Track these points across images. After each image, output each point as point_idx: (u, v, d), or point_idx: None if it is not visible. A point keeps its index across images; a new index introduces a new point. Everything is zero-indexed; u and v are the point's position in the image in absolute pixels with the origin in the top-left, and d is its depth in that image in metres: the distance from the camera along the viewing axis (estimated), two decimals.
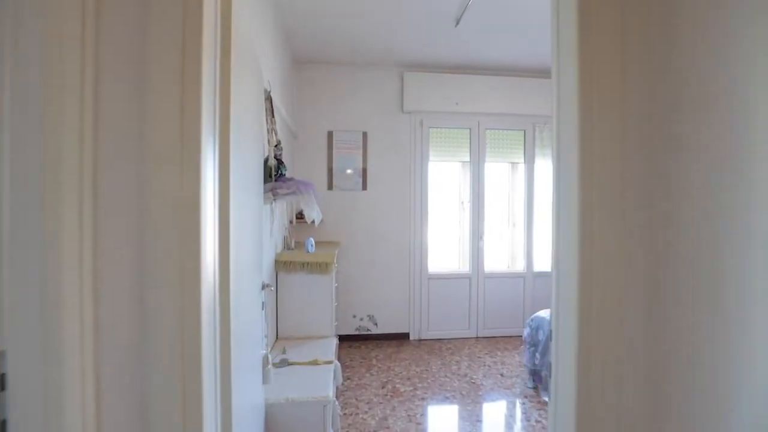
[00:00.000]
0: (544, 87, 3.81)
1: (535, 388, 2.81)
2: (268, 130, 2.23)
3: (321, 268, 2.69)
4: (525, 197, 3.99)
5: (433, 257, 3.93)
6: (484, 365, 3.22)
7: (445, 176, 4.04)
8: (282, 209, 3.04)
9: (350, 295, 3.74)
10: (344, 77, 3.72)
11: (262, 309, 1.71)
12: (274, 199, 2.03)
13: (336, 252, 2.91)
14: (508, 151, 3.99)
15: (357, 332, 3.77)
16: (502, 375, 3.04)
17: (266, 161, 2.11)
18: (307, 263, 2.69)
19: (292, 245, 3.01)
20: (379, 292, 3.79)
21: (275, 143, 2.26)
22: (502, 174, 4.11)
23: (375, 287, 3.78)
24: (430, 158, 3.85)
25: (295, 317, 2.72)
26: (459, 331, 3.88)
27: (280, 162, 2.20)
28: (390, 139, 3.78)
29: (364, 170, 3.74)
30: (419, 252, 3.81)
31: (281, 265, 2.68)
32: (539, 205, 3.97)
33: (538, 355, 2.73)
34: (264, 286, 1.62)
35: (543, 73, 3.83)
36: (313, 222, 3.33)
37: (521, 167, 4.05)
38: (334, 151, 3.70)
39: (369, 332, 3.78)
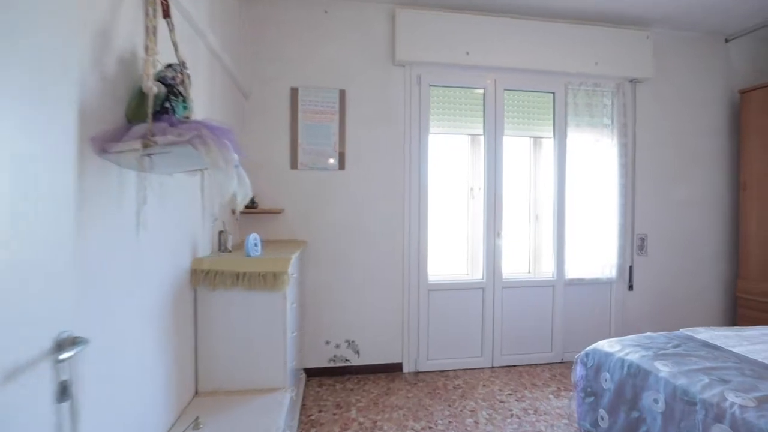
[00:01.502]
0: (581, 35, 2.88)
1: None
2: (147, 30, 1.21)
3: (267, 281, 1.68)
4: (555, 182, 3.04)
5: (435, 261, 2.95)
6: (511, 415, 2.25)
7: (450, 153, 3.06)
8: (213, 190, 2.03)
9: (322, 314, 2.73)
10: (314, 14, 2.71)
11: (62, 400, 0.71)
12: (148, 153, 1.03)
13: (294, 256, 1.90)
14: (532, 121, 3.04)
15: (331, 364, 2.76)
16: None
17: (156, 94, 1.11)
18: (244, 274, 1.68)
19: (229, 246, 1.99)
20: (362, 310, 2.79)
21: (176, 61, 1.25)
22: (522, 152, 3.16)
23: (356, 302, 2.78)
24: (431, 129, 2.87)
25: (225, 359, 1.70)
26: (469, 359, 2.91)
27: (173, 93, 1.19)
28: (377, 100, 2.79)
29: (342, 143, 2.73)
30: (416, 254, 2.83)
31: (200, 276, 1.66)
32: (572, 192, 3.02)
33: (603, 413, 1.77)
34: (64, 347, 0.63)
35: (579, 16, 2.89)
36: (252, 206, 2.35)
37: (547, 143, 3.10)
38: (301, 116, 2.69)
39: (348, 364, 2.78)
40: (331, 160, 2.72)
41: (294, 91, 2.68)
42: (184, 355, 1.59)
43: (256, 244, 1.83)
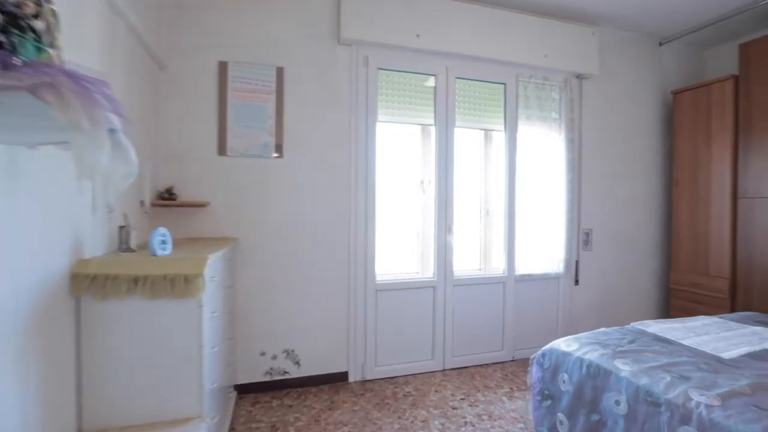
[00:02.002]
0: (532, 26, 2.83)
1: None
2: None
3: (176, 286, 1.34)
4: (506, 176, 2.96)
5: (384, 259, 2.74)
6: (465, 423, 2.10)
7: (400, 144, 2.87)
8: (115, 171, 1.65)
9: (256, 321, 2.40)
10: None
11: None
12: None
13: (214, 255, 1.58)
14: (484, 112, 2.94)
15: (268, 378, 2.44)
16: None
17: None
18: (146, 278, 1.33)
19: (132, 245, 1.61)
20: (303, 315, 2.50)
21: None
22: (473, 145, 3.05)
23: (296, 307, 2.48)
24: (380, 116, 2.65)
25: (120, 387, 1.34)
26: (420, 363, 2.74)
27: (17, 25, 0.84)
28: (320, 82, 2.51)
29: (279, 127, 2.42)
30: (363, 252, 2.60)
31: (84, 282, 1.29)
32: (522, 187, 2.97)
33: (562, 417, 1.66)
34: None
35: (529, 8, 2.83)
36: (169, 198, 2.03)
37: (497, 137, 3.02)
38: (231, 94, 2.34)
39: (287, 376, 2.47)
40: (267, 147, 2.39)
41: (222, 66, 2.32)
42: (58, 385, 1.22)
43: (164, 241, 1.48)
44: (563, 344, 1.78)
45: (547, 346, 1.84)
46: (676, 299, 3.20)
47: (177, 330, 1.38)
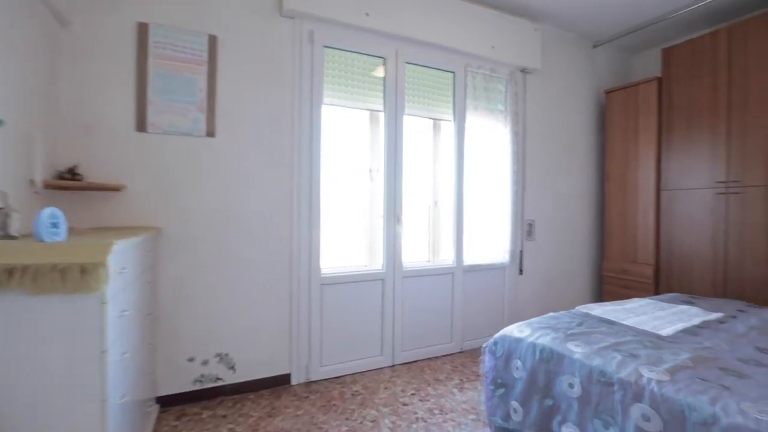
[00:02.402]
0: (480, 16, 2.82)
1: None
2: None
3: (69, 278, 1.08)
4: (455, 166, 2.93)
5: (329, 251, 2.57)
6: (417, 419, 2.00)
7: (347, 130, 2.71)
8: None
9: (183, 322, 2.11)
10: None
11: None
12: None
13: (123, 243, 1.31)
14: (433, 101, 2.88)
15: (198, 386, 2.16)
16: None
17: None
18: (26, 269, 1.05)
19: (14, 231, 1.28)
20: (239, 313, 2.25)
21: None
22: (422, 134, 2.99)
23: (231, 305, 2.23)
24: (326, 99, 2.48)
25: None
26: (368, 359, 2.60)
27: None
28: (260, 55, 2.28)
29: (212, 103, 2.15)
30: (307, 243, 2.41)
31: None
32: (470, 178, 2.96)
33: (516, 404, 1.62)
34: None
35: None
36: (72, 178, 1.76)
37: (446, 127, 2.99)
38: (152, 61, 2.03)
39: (220, 383, 2.21)
40: (197, 124, 2.11)
41: (142, 28, 2.01)
42: None
43: (55, 224, 1.19)
44: (515, 330, 1.74)
45: (499, 334, 1.80)
46: (608, 285, 3.40)
47: (71, 332, 1.11)
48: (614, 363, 1.34)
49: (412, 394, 2.26)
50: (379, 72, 2.64)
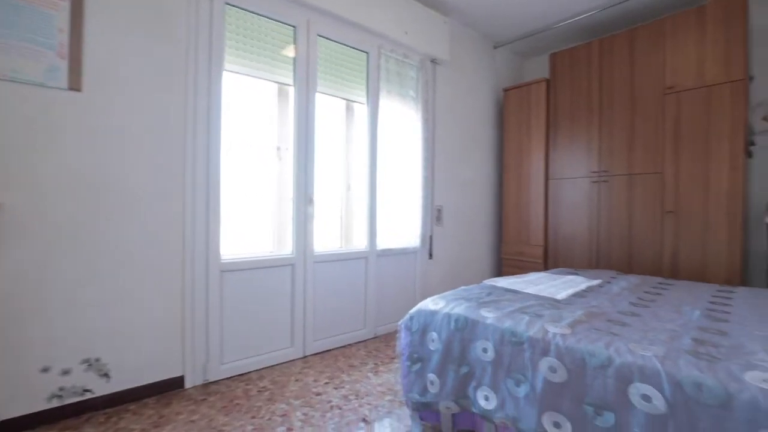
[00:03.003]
0: (397, 1, 2.82)
1: None
2: None
3: None
4: (368, 150, 2.88)
5: (231, 234, 2.30)
6: (331, 407, 1.88)
7: (253, 103, 2.46)
8: None
9: (32, 325, 1.67)
10: None
11: None
12: None
13: None
14: (346, 81, 2.79)
15: (56, 403, 1.72)
16: (366, 420, 1.78)
17: None
18: None
19: None
20: (114, 311, 1.86)
21: None
22: (335, 116, 2.88)
23: (102, 301, 1.83)
24: (227, 64, 2.21)
25: None
26: (277, 352, 2.40)
27: None
28: (144, 0, 1.92)
29: (76, 49, 1.74)
30: (203, 225, 2.11)
31: None
32: (383, 162, 2.94)
33: (433, 377, 1.61)
34: None
35: None
36: None
37: (359, 110, 2.93)
38: None
39: (89, 396, 1.80)
40: (55, 72, 1.69)
41: None
42: None
43: None
44: (430, 304, 1.74)
45: (415, 309, 1.78)
46: (506, 267, 3.70)
47: None
48: (523, 323, 1.41)
49: (326, 383, 2.14)
50: (290, 41, 2.46)
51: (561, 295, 1.80)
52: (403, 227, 3.05)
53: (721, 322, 1.42)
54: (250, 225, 2.45)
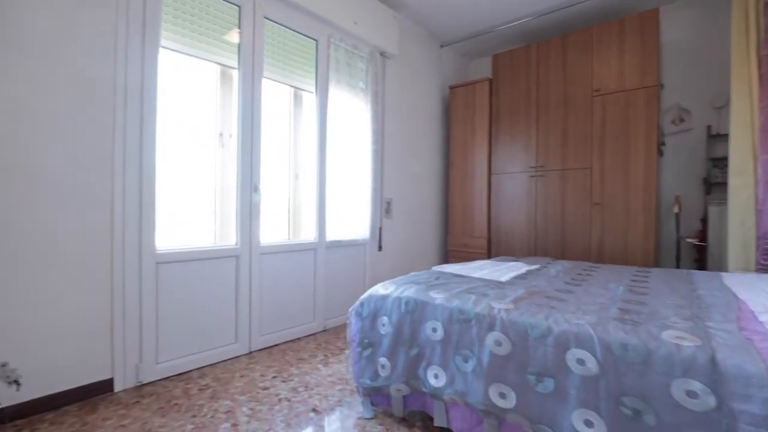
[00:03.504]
0: None
1: (374, 417, 1.68)
2: None
3: None
4: (317, 140, 2.83)
5: (169, 225, 2.14)
6: (279, 400, 1.82)
7: (192, 85, 2.31)
8: None
9: None
10: None
11: None
12: None
13: None
14: (293, 68, 2.71)
15: None
16: (316, 411, 1.74)
17: None
18: None
19: None
20: (26, 308, 1.64)
21: None
22: (283, 104, 2.79)
23: (10, 298, 1.61)
24: (163, 41, 2.05)
25: None
26: (220, 349, 2.27)
27: None
28: None
29: None
30: (136, 214, 1.94)
31: None
32: (333, 152, 2.90)
33: (384, 360, 1.61)
34: None
35: None
36: None
37: (308, 99, 2.87)
38: None
39: None
40: None
41: None
42: None
43: None
44: (381, 289, 1.75)
45: (365, 295, 1.78)
46: (452, 257, 3.83)
47: None
48: (470, 302, 1.46)
49: (274, 377, 2.06)
50: (234, 22, 2.34)
51: (504, 278, 1.90)
52: (352, 219, 3.04)
53: (641, 295, 1.59)
54: (191, 215, 2.29)
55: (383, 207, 3.35)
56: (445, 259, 4.01)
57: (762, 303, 1.41)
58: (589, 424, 1.11)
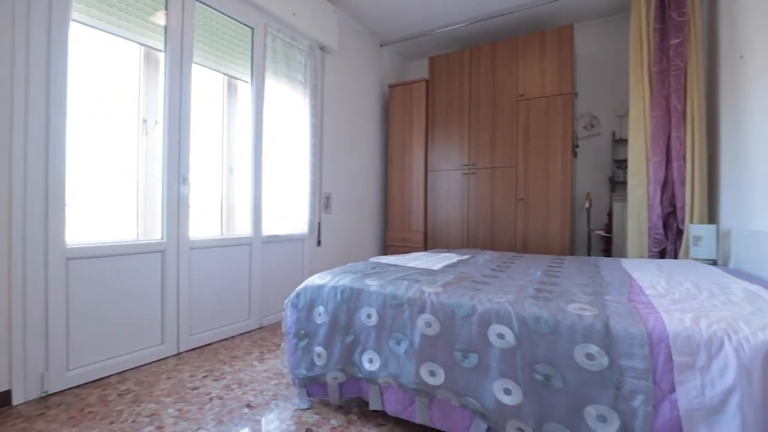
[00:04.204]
0: None
1: (310, 407, 1.68)
2: None
3: None
4: (253, 132, 2.74)
5: (80, 216, 1.94)
6: (210, 399, 1.74)
7: (111, 65, 2.11)
8: None
9: None
10: None
11: None
12: None
13: None
14: (228, 55, 2.61)
15: None
16: (250, 406, 1.70)
17: None
18: None
19: None
20: None
21: None
22: (215, 93, 2.66)
23: None
24: (75, 14, 1.85)
25: None
26: (144, 352, 2.11)
27: None
28: None
29: None
30: (41, 206, 1.74)
31: None
32: (269, 145, 2.83)
33: (320, 349, 1.62)
34: None
35: None
36: None
37: (243, 89, 2.77)
38: None
39: None
40: None
41: None
42: None
43: None
44: (317, 279, 1.75)
45: (301, 286, 1.77)
46: (391, 252, 3.92)
47: None
48: (403, 287, 1.52)
49: (205, 377, 1.97)
50: (161, 1, 2.18)
51: (437, 267, 2.00)
52: (290, 213, 2.99)
53: (555, 278, 1.77)
54: (111, 207, 2.10)
55: (322, 202, 3.33)
56: (384, 253, 4.09)
57: (648, 280, 1.65)
58: (507, 392, 1.22)
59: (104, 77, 2.07)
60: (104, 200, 2.08)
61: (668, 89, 2.68)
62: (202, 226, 2.51)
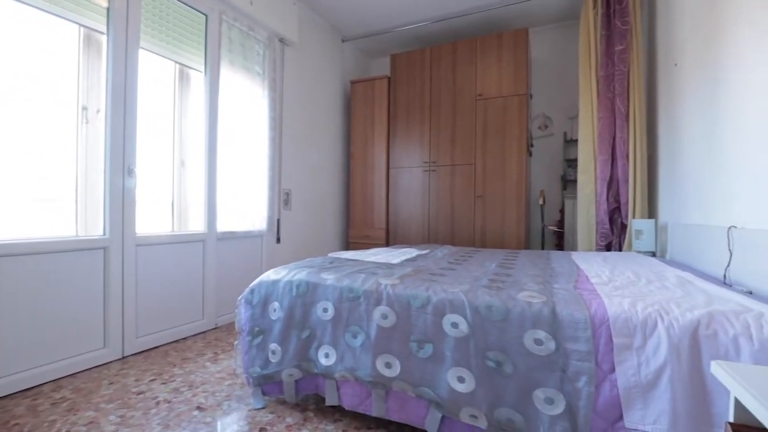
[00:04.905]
0: None
1: (265, 407, 1.63)
2: None
3: None
4: (207, 124, 2.62)
5: (9, 211, 1.77)
6: (157, 403, 1.64)
7: (44, 47, 1.94)
8: None
9: None
10: None
11: None
12: None
13: None
14: (179, 42, 2.48)
15: None
16: (200, 408, 1.61)
17: None
18: None
19: None
20: None
21: None
22: (165, 82, 2.52)
23: None
24: None
25: None
26: (85, 356, 1.95)
27: None
28: None
29: None
30: None
31: None
32: (224, 139, 2.72)
33: (275, 346, 1.58)
34: None
35: None
36: None
37: (196, 79, 2.64)
38: None
39: None
40: None
41: None
42: None
43: None
44: (272, 274, 1.70)
45: (255, 282, 1.71)
46: (353, 248, 3.89)
47: None
48: (359, 280, 1.51)
49: (152, 380, 1.85)
50: None
51: (395, 261, 2.00)
52: (247, 209, 2.89)
53: (509, 269, 1.82)
54: (45, 200, 1.93)
55: (282, 198, 3.25)
56: (346, 249, 4.05)
57: (594, 270, 1.74)
58: (461, 380, 1.24)
59: (37, 59, 1.89)
60: (37, 193, 1.90)
61: (613, 93, 2.85)
62: (152, 222, 2.37)
